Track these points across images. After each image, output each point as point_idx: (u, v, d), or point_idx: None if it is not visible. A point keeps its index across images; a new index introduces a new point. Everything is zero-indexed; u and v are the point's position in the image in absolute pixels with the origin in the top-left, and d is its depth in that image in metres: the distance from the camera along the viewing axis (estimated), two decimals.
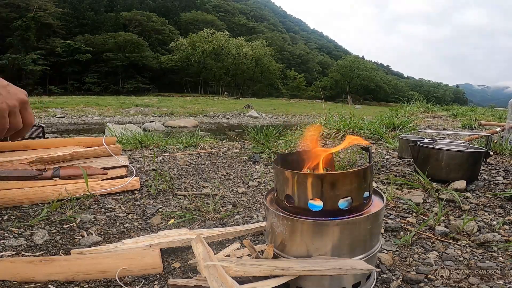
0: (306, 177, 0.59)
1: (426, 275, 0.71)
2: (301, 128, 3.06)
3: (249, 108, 19.84)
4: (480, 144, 2.10)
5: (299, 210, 0.60)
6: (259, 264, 0.60)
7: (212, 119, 15.47)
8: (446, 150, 1.34)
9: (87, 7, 57.83)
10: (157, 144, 2.29)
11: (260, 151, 2.04)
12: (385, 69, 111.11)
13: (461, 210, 1.09)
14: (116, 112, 16.02)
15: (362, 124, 2.86)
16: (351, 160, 1.78)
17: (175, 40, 54.99)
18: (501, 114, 5.83)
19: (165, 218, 1.05)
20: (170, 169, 1.68)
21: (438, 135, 2.67)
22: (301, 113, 18.54)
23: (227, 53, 54.72)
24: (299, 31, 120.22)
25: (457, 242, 0.87)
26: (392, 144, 2.23)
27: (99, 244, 0.87)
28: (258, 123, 2.89)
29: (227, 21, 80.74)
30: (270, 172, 1.62)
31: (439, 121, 4.60)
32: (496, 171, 1.57)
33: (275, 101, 34.71)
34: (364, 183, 0.60)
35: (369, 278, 0.64)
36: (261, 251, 0.67)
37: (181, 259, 0.79)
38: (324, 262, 0.57)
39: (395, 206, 1.13)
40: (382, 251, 0.82)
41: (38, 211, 1.06)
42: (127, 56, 49.00)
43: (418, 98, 6.48)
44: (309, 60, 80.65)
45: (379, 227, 0.63)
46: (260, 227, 0.92)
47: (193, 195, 1.26)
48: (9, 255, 0.80)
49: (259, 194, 1.30)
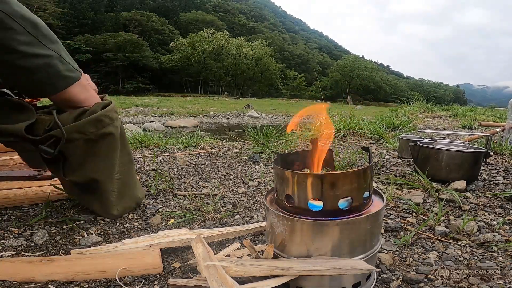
0: (306, 177, 0.59)
1: (426, 275, 0.71)
2: (302, 128, 3.07)
3: (249, 108, 19.84)
4: (480, 144, 2.10)
5: (299, 210, 0.60)
6: (259, 264, 0.60)
7: (212, 119, 15.47)
8: (446, 150, 1.34)
9: (87, 7, 57.86)
10: (157, 144, 2.29)
11: (260, 151, 2.04)
12: (385, 69, 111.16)
13: (461, 210, 1.10)
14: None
15: (362, 124, 2.86)
16: (351, 160, 1.78)
17: (175, 40, 55.03)
18: (501, 114, 5.84)
19: (165, 218, 1.05)
20: (170, 169, 1.68)
21: (438, 135, 2.68)
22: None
23: (227, 53, 54.75)
24: (299, 31, 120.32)
25: (457, 242, 0.87)
26: (392, 144, 2.23)
27: (99, 244, 0.87)
28: (258, 123, 2.89)
29: (227, 21, 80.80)
30: (270, 172, 1.62)
31: (439, 121, 4.60)
32: (496, 171, 1.57)
33: (275, 101, 34.73)
34: (364, 183, 0.60)
35: (369, 278, 0.64)
36: (261, 251, 0.67)
37: (181, 259, 0.79)
38: (324, 262, 0.57)
39: (395, 206, 1.13)
40: (382, 251, 0.82)
41: (38, 211, 1.06)
42: (127, 56, 49.03)
43: (418, 98, 6.49)
44: (309, 60, 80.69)
45: (379, 227, 0.63)
46: (260, 227, 0.92)
47: (193, 195, 1.26)
48: (9, 255, 0.80)
49: (259, 194, 1.30)
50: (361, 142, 2.50)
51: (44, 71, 0.77)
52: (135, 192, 1.06)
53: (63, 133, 0.83)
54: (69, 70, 0.81)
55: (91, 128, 0.87)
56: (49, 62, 0.76)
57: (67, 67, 0.80)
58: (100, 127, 0.88)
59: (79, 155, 0.88)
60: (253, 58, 54.62)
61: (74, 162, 0.89)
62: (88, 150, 0.88)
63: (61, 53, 0.78)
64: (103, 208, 0.99)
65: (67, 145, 0.85)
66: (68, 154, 0.87)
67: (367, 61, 72.06)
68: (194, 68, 53.20)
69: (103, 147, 0.91)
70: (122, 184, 0.99)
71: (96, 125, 0.87)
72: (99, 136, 0.89)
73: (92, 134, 0.87)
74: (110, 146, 0.92)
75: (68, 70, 0.81)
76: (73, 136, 0.85)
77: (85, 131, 0.86)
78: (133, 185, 1.05)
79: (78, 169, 0.90)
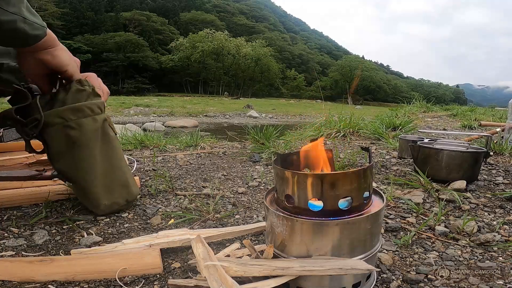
0: (306, 177, 0.59)
1: (426, 275, 0.71)
2: (301, 128, 3.07)
3: (249, 108, 19.85)
4: (480, 144, 2.10)
5: (299, 210, 0.60)
6: (259, 264, 0.60)
7: (212, 119, 15.47)
8: (446, 150, 1.34)
9: (87, 7, 57.85)
10: (157, 144, 2.29)
11: (260, 151, 2.04)
12: (385, 69, 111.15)
13: (461, 210, 1.10)
14: (116, 112, 16.03)
15: (362, 124, 2.86)
16: (351, 160, 1.78)
17: (175, 40, 55.00)
18: (501, 114, 5.84)
19: (165, 218, 1.05)
20: (170, 169, 1.68)
21: (438, 135, 2.67)
22: (301, 113, 18.54)
23: (227, 53, 54.73)
24: (299, 31, 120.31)
25: (457, 242, 0.87)
26: (392, 144, 2.23)
27: (99, 244, 0.87)
28: (258, 123, 2.89)
29: (227, 21, 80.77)
30: (270, 172, 1.62)
31: (439, 121, 4.60)
32: (496, 171, 1.57)
33: (275, 101, 34.73)
34: (364, 183, 0.60)
35: (369, 278, 0.64)
36: (261, 251, 0.67)
37: (181, 259, 0.79)
38: (324, 262, 0.57)
39: (395, 206, 1.13)
40: (382, 251, 0.82)
41: (38, 211, 1.06)
42: (127, 56, 49.02)
43: (418, 98, 6.49)
44: (309, 60, 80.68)
45: (379, 227, 0.63)
46: (260, 227, 0.92)
47: (193, 195, 1.26)
48: (9, 255, 0.80)
49: (259, 194, 1.30)
50: (361, 142, 2.50)
51: (10, 37, 0.77)
52: (128, 189, 1.06)
53: (41, 114, 0.89)
54: (34, 29, 0.81)
55: (70, 115, 0.92)
56: (14, 27, 0.75)
57: (32, 27, 0.80)
58: (80, 116, 0.93)
59: (59, 142, 0.94)
60: (253, 58, 54.62)
61: (56, 149, 0.95)
62: (68, 137, 0.93)
63: (24, 14, 0.77)
64: (90, 202, 1.01)
65: (48, 130, 0.92)
66: (49, 140, 0.93)
67: (367, 61, 72.13)
68: (194, 68, 53.20)
69: (82, 136, 0.94)
70: (107, 178, 1.00)
71: (76, 113, 0.93)
72: (79, 125, 0.93)
73: (72, 121, 0.92)
74: (88, 137, 0.96)
75: (33, 29, 0.80)
76: (54, 121, 0.91)
77: (65, 117, 0.92)
78: (123, 182, 1.05)
79: (60, 157, 0.96)
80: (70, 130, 0.93)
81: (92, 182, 0.98)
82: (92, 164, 0.97)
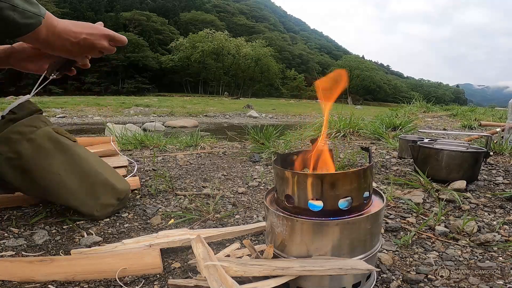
0: (306, 177, 0.59)
1: (426, 275, 0.71)
2: (301, 128, 3.07)
3: (249, 108, 19.85)
4: (480, 144, 2.10)
5: (299, 210, 0.60)
6: (259, 264, 0.60)
7: (212, 119, 15.47)
8: (446, 150, 1.34)
9: (87, 7, 57.85)
10: (157, 144, 2.29)
11: (260, 151, 2.04)
12: (385, 69, 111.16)
13: (461, 210, 1.10)
14: (116, 112, 16.02)
15: (362, 124, 2.86)
16: (351, 160, 1.78)
17: (175, 40, 54.98)
18: (501, 114, 5.84)
19: (165, 218, 1.05)
20: (170, 169, 1.68)
21: (438, 135, 2.67)
22: (301, 113, 18.53)
23: (227, 53, 54.70)
24: (299, 31, 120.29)
25: (457, 242, 0.87)
26: (392, 144, 2.23)
27: (99, 244, 0.87)
28: (258, 123, 2.89)
29: (227, 21, 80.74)
30: (270, 172, 1.62)
31: (439, 121, 4.60)
32: (496, 171, 1.57)
33: (275, 101, 34.73)
34: (364, 183, 0.60)
35: (369, 278, 0.64)
36: (261, 251, 0.67)
37: (181, 259, 0.79)
38: (324, 262, 0.57)
39: (395, 206, 1.13)
40: (382, 251, 0.82)
41: (38, 211, 1.06)
42: (127, 56, 48.99)
43: (418, 98, 6.48)
44: (309, 60, 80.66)
45: (379, 227, 0.63)
46: (260, 227, 0.92)
47: (193, 195, 1.26)
48: (9, 255, 0.80)
49: (259, 194, 1.30)
50: (361, 142, 2.50)
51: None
52: (112, 187, 1.03)
53: None
54: (27, 17, 0.75)
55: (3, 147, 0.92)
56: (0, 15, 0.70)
57: (23, 15, 0.74)
58: (13, 145, 0.92)
59: (13, 175, 0.93)
60: (253, 58, 54.61)
61: (15, 182, 0.94)
62: (15, 168, 0.93)
63: (13, 1, 0.72)
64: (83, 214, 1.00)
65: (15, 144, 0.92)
66: (4, 176, 0.93)
67: (367, 61, 72.14)
68: (194, 68, 53.18)
69: (26, 162, 0.93)
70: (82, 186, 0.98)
71: (7, 143, 0.92)
72: (16, 152, 0.92)
73: (8, 153, 0.91)
74: (33, 158, 0.94)
75: (25, 17, 0.75)
76: (13, 137, 0.92)
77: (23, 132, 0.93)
78: (103, 182, 1.02)
79: (24, 187, 0.97)
80: (12, 161, 0.92)
81: (69, 197, 0.97)
82: (57, 181, 0.95)
